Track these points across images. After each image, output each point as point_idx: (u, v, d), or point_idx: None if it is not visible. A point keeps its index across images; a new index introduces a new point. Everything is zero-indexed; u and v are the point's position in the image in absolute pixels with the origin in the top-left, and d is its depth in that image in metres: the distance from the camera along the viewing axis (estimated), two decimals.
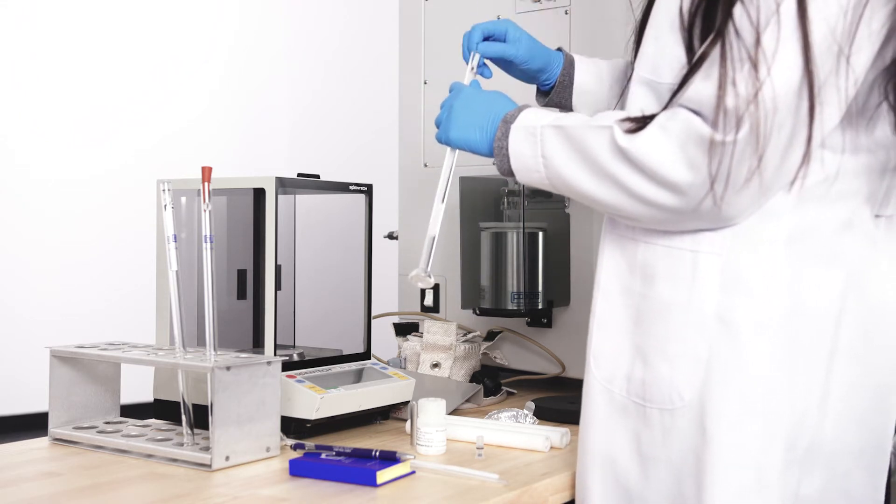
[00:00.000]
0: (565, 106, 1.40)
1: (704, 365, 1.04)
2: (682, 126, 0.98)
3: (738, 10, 0.96)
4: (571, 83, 1.39)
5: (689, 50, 1.02)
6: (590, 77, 1.39)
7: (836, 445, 1.06)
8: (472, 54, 1.33)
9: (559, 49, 1.41)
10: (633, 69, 1.12)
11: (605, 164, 1.03)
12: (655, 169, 0.99)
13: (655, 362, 1.07)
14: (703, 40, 1.00)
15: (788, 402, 1.02)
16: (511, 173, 1.15)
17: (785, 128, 0.94)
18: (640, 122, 1.01)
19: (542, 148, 1.10)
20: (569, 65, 1.39)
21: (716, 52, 0.96)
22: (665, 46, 1.05)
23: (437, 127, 1.26)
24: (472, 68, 1.32)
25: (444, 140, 1.24)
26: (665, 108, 1.02)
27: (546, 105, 1.42)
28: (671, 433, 1.06)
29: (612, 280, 1.13)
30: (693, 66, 0.99)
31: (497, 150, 1.15)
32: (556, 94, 1.40)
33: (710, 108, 0.95)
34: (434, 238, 1.28)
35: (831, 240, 1.04)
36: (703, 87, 0.97)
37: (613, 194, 1.04)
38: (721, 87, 0.95)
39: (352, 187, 1.52)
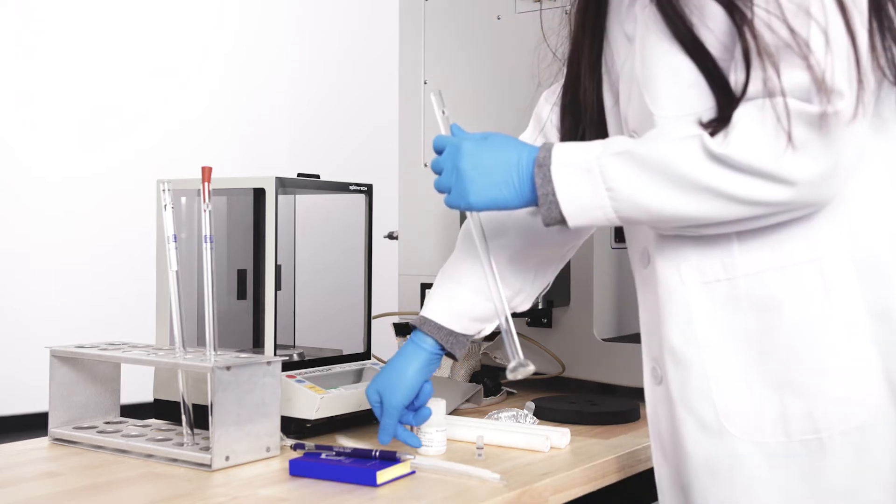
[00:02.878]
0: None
1: (880, 366, 0.99)
2: (780, 113, 0.93)
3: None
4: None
5: (704, 67, 1.01)
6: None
7: None
8: (433, 99, 1.20)
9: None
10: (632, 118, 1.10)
11: (699, 176, 0.97)
12: (762, 166, 0.94)
13: (813, 387, 1.01)
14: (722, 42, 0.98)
15: None
16: (562, 220, 1.05)
17: (857, 81, 0.93)
18: (720, 124, 0.97)
19: (604, 181, 1.01)
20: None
21: (766, 39, 0.95)
22: (682, 72, 1.03)
23: (443, 192, 1.13)
24: (443, 111, 1.20)
25: (463, 206, 1.11)
26: (733, 107, 0.98)
27: None
28: (868, 448, 0.99)
29: (713, 332, 1.05)
30: (747, 62, 0.96)
31: (542, 198, 1.05)
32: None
33: (804, 87, 0.93)
34: (508, 318, 1.13)
35: None
36: (783, 73, 0.94)
37: (710, 205, 0.98)
38: (798, 65, 0.93)
39: (352, 187, 1.52)
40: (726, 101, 0.99)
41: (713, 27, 1.00)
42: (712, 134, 0.97)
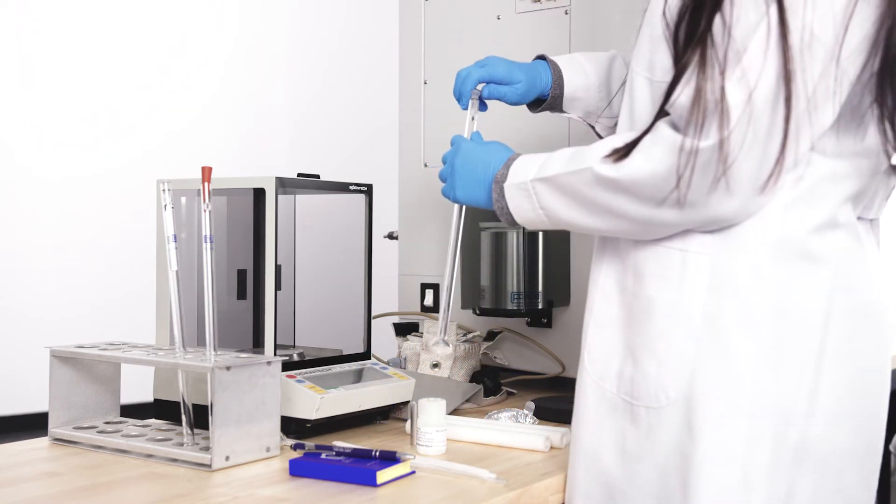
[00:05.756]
0: (556, 108, 1.41)
1: (690, 363, 1.05)
2: (665, 143, 1.00)
3: (718, 20, 0.98)
4: (562, 94, 1.40)
5: (675, 54, 1.04)
6: (578, 82, 1.40)
7: (827, 446, 1.05)
8: (470, 102, 1.34)
9: (541, 57, 1.41)
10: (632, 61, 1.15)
11: (599, 200, 1.06)
12: (648, 192, 1.02)
13: (644, 360, 1.08)
14: (686, 47, 1.02)
15: (775, 402, 1.03)
16: (519, 225, 1.19)
17: (763, 133, 0.96)
18: (626, 150, 1.03)
19: (538, 201, 1.14)
20: (557, 77, 1.39)
21: (696, 60, 0.98)
22: (658, 46, 1.07)
23: (443, 181, 1.29)
24: (473, 118, 1.34)
25: (452, 198, 1.27)
26: (654, 120, 1.03)
27: (539, 111, 1.43)
28: (657, 431, 1.07)
29: (611, 278, 1.15)
30: (676, 74, 1.01)
31: (498, 210, 1.19)
32: (547, 105, 1.41)
33: (689, 115, 0.97)
34: (449, 302, 1.32)
35: (819, 241, 1.04)
36: (683, 94, 0.99)
37: (614, 224, 1.08)
38: (700, 94, 0.97)
39: (352, 187, 1.52)
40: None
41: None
42: (626, 154, 1.02)
